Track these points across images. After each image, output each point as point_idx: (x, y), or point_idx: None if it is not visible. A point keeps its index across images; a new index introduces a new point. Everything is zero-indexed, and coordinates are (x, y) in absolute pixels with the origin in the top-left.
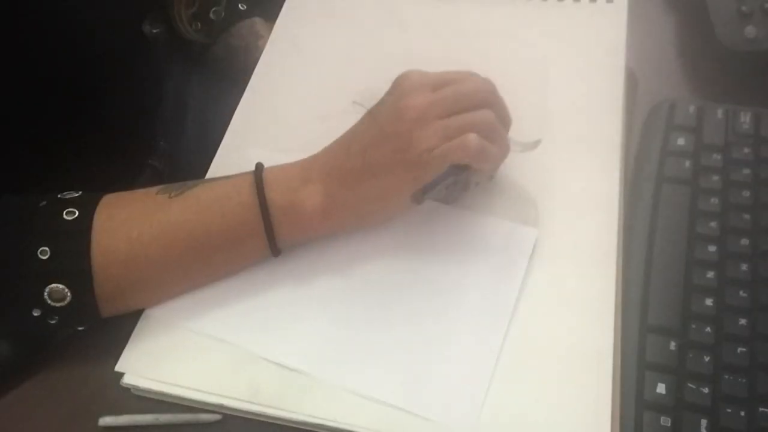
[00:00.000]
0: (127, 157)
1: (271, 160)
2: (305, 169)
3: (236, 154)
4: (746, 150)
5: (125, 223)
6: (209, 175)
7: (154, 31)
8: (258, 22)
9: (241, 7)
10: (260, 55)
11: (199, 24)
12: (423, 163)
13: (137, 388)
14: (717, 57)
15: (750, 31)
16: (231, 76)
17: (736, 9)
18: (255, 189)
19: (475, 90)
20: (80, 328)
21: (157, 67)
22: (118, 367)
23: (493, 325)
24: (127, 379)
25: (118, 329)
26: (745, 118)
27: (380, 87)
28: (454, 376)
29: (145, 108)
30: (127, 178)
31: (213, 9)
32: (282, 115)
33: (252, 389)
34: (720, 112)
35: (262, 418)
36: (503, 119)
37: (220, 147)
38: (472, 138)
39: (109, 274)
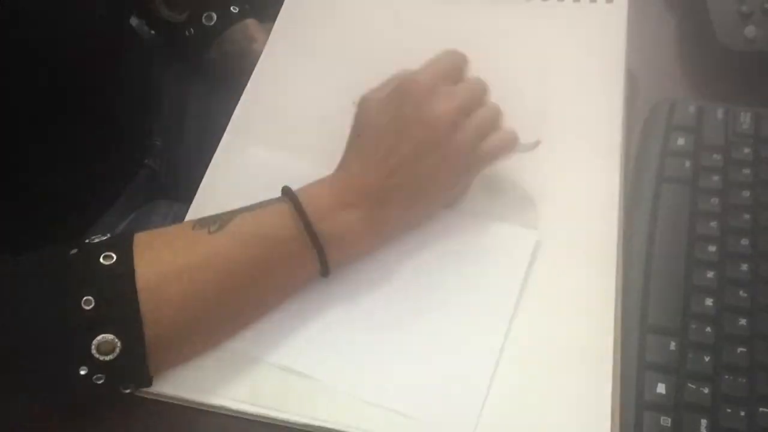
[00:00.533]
0: (122, 156)
1: (270, 159)
2: (340, 191)
3: (236, 152)
4: (746, 150)
5: (171, 264)
6: (209, 173)
7: (137, 22)
8: (251, 24)
9: (233, 10)
10: (256, 59)
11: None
12: (471, 165)
13: (138, 390)
14: (717, 57)
15: (750, 31)
16: (230, 80)
17: (736, 9)
18: (301, 221)
19: (478, 83)
20: (126, 391)
21: (149, 64)
22: None
23: (494, 327)
24: None
25: None
26: (745, 119)
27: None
28: (454, 378)
29: (139, 107)
30: (122, 178)
31: (205, 14)
32: (282, 114)
33: (254, 392)
34: (720, 113)
35: (263, 420)
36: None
37: (219, 145)
38: (511, 132)
39: (161, 317)
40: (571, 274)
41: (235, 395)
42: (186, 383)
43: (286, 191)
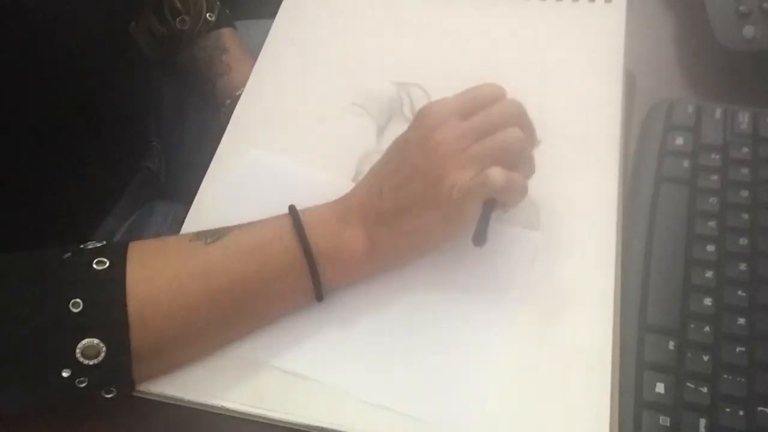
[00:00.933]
0: (120, 158)
1: (270, 160)
2: (341, 211)
3: (235, 153)
4: (745, 150)
5: (163, 272)
6: (208, 175)
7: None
8: (226, 34)
9: (209, 18)
10: (224, 70)
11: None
12: (453, 199)
13: (139, 390)
14: (715, 57)
15: (748, 30)
16: (198, 86)
17: (734, 9)
18: (296, 234)
19: (504, 113)
20: (108, 396)
21: (146, 67)
22: None
23: (495, 327)
24: None
25: None
26: (744, 118)
27: (380, 87)
28: (455, 379)
29: (137, 109)
30: (121, 180)
31: (179, 18)
32: (281, 115)
33: (256, 393)
34: (718, 112)
35: (265, 421)
36: (531, 138)
37: (219, 147)
38: (495, 173)
39: (148, 326)
40: (570, 274)
41: (237, 397)
42: (188, 385)
43: (291, 209)
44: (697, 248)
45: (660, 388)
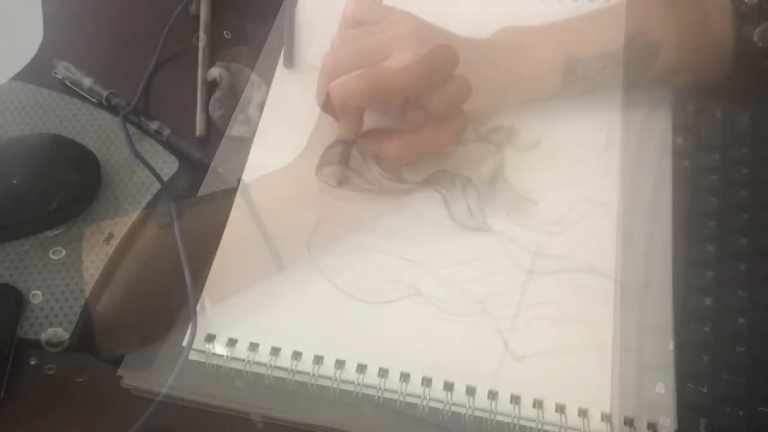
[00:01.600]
0: None
1: (271, 160)
2: None
3: (236, 154)
4: (744, 150)
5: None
6: (209, 176)
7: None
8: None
9: (226, 36)
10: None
11: None
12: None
13: (137, 389)
14: (715, 57)
15: (748, 30)
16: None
17: (734, 8)
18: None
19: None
20: (79, 380)
21: None
22: (120, 372)
23: (495, 329)
24: (128, 380)
25: None
26: (744, 118)
27: None
28: (456, 381)
29: None
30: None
31: (195, 35)
32: (282, 115)
33: (252, 391)
34: (718, 112)
35: (262, 419)
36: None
37: (219, 148)
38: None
39: (108, 308)
40: (570, 274)
41: (234, 396)
42: (186, 383)
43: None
44: (697, 249)
45: (660, 388)
